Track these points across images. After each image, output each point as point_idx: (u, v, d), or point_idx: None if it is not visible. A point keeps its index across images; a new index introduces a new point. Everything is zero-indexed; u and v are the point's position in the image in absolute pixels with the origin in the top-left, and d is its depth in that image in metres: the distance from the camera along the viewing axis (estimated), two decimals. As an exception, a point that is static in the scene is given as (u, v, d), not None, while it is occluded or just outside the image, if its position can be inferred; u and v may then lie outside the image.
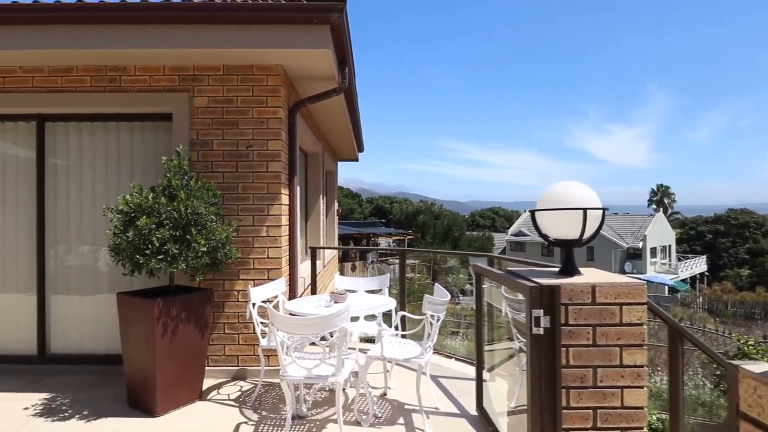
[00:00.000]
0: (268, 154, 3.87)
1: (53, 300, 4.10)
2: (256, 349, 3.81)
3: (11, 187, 4.12)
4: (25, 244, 4.09)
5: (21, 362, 4.05)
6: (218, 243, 3.20)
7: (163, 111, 3.97)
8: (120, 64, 3.91)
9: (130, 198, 3.04)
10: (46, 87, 3.94)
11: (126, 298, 3.21)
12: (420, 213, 39.31)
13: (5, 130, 4.15)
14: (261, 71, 3.88)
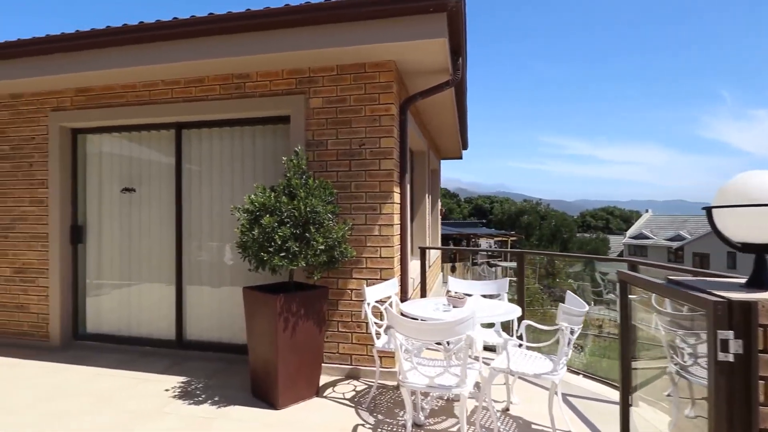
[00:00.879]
0: (381, 152, 3.81)
1: (188, 291, 4.50)
2: (370, 350, 3.78)
3: (156, 189, 4.61)
4: (167, 240, 4.55)
5: (163, 346, 4.51)
6: (335, 241, 3.20)
7: (281, 113, 4.13)
8: (244, 71, 4.15)
9: (255, 197, 3.16)
10: (183, 97, 4.33)
11: (251, 292, 3.36)
12: (524, 213, 37.19)
13: (150, 138, 4.66)
14: (373, 68, 3.83)
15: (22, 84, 4.57)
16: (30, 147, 4.79)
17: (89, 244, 4.84)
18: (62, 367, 4.10)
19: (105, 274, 4.78)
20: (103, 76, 4.31)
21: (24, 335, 4.78)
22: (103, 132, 4.75)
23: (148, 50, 3.92)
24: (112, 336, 4.71)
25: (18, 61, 4.36)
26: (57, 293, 4.65)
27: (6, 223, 4.86)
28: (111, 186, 4.76)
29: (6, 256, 4.86)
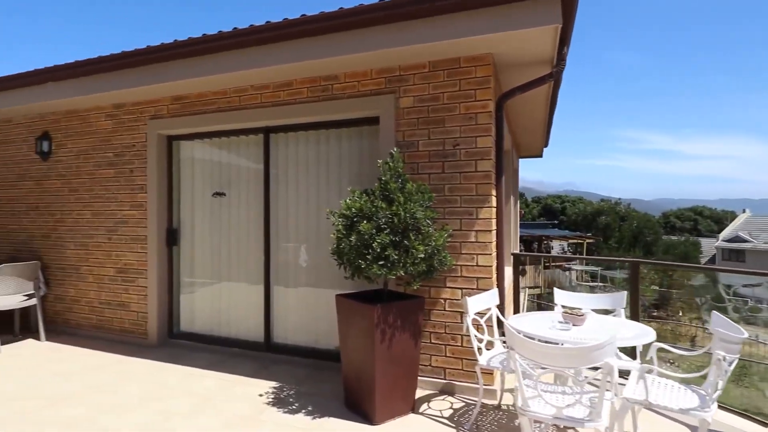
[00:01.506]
0: (477, 152, 3.55)
1: (275, 294, 4.51)
2: (466, 364, 3.53)
3: (245, 193, 4.67)
4: (256, 243, 4.59)
5: (250, 348, 4.55)
6: (434, 249, 2.99)
7: (369, 114, 4.00)
8: (332, 73, 4.06)
9: (351, 202, 3.03)
10: (271, 101, 4.34)
11: (345, 300, 3.24)
12: (601, 213, 34.43)
13: (239, 143, 4.73)
14: (469, 63, 3.58)
15: (124, 94, 4.82)
16: (131, 154, 5.06)
17: (182, 246, 5.02)
18: (162, 365, 4.25)
19: (197, 275, 4.94)
20: (197, 84, 4.43)
21: (125, 332, 5.05)
22: (195, 138, 4.90)
23: (242, 56, 3.95)
24: (203, 336, 4.85)
25: (122, 72, 4.59)
26: (154, 293, 4.86)
27: (110, 226, 5.17)
28: (203, 190, 4.90)
29: (110, 257, 5.17)
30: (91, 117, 5.33)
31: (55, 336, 5.29)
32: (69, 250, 5.43)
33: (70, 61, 4.69)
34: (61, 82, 4.90)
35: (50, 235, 5.57)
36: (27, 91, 5.19)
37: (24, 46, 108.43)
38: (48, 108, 5.47)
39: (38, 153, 5.61)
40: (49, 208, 5.60)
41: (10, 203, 5.89)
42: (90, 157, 5.32)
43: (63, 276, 5.48)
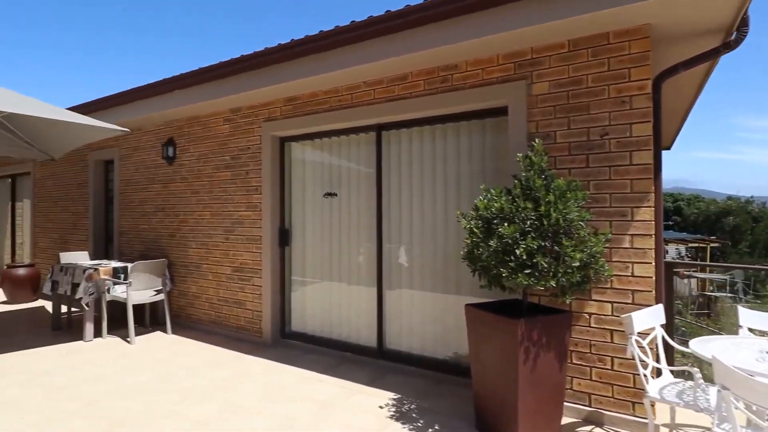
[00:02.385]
0: (632, 142, 3.01)
1: (388, 296, 4.31)
2: (617, 391, 3.01)
3: (356, 192, 4.54)
4: (368, 244, 4.43)
5: (362, 353, 4.40)
6: (590, 256, 2.54)
7: (495, 105, 3.63)
8: (452, 62, 3.75)
9: (490, 202, 2.69)
10: (385, 97, 4.14)
11: (479, 312, 2.90)
12: (729, 213, 29.84)
13: (350, 142, 4.61)
14: (620, 37, 3.06)
15: (241, 98, 4.94)
16: (246, 156, 5.20)
17: (294, 246, 5.04)
18: (277, 366, 4.25)
19: (308, 276, 4.92)
20: (310, 84, 4.38)
21: (241, 329, 5.20)
22: (306, 139, 4.88)
23: (358, 50, 3.81)
24: (313, 337, 4.81)
25: (239, 76, 4.71)
26: (268, 292, 4.93)
27: (227, 226, 5.36)
28: (313, 190, 4.87)
29: (227, 256, 5.36)
30: (210, 122, 5.58)
31: (179, 329, 5.62)
32: (191, 249, 5.75)
33: (195, 69, 4.93)
34: (187, 89, 5.17)
35: (175, 234, 5.95)
36: (157, 100, 5.57)
37: (131, 58, 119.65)
38: (173, 116, 5.84)
39: (164, 158, 6.02)
40: (174, 209, 5.98)
41: (142, 205, 6.41)
42: (209, 161, 5.58)
43: (186, 273, 5.81)
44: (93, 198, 7.26)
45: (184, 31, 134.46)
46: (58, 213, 8.01)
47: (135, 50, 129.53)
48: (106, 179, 7.37)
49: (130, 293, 5.09)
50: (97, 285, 5.13)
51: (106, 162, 7.32)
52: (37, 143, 5.84)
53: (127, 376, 4.01)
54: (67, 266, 5.44)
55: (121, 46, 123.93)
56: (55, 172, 8.07)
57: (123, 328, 5.66)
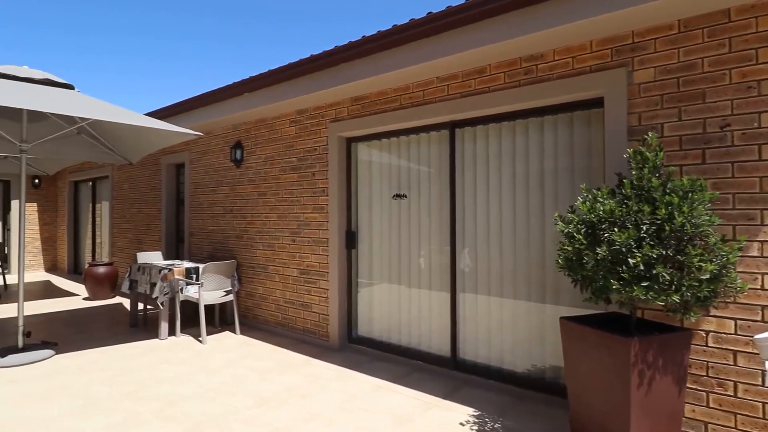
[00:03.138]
0: (761, 134, 2.59)
1: (463, 303, 4.07)
2: (740, 421, 2.60)
3: (427, 194, 4.34)
4: (440, 247, 4.22)
5: (434, 363, 4.20)
6: (722, 267, 2.18)
7: (587, 97, 3.30)
8: (537, 51, 3.46)
9: (594, 204, 2.40)
10: (460, 92, 3.92)
11: (578, 327, 2.61)
12: None
13: (421, 141, 4.41)
14: (745, 14, 2.65)
15: (308, 99, 4.90)
16: (313, 158, 5.15)
17: (361, 249, 4.92)
18: (347, 373, 4.14)
19: (375, 279, 4.78)
20: (378, 82, 4.24)
21: (308, 332, 5.15)
22: (374, 139, 4.75)
23: (432, 44, 3.61)
24: (381, 343, 4.66)
25: (306, 77, 4.67)
26: (335, 296, 4.84)
27: (294, 228, 5.35)
28: (381, 192, 4.73)
29: (293, 258, 5.34)
30: (277, 124, 5.60)
31: (247, 330, 5.68)
32: (258, 251, 5.79)
33: (264, 71, 4.94)
34: (255, 92, 5.21)
35: (242, 235, 6.03)
36: (226, 104, 5.67)
37: (200, 65, 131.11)
38: (241, 119, 5.92)
39: (232, 161, 6.13)
40: (242, 210, 6.06)
41: (211, 207, 6.57)
42: (276, 163, 5.59)
43: (253, 274, 5.87)
44: (165, 200, 7.56)
45: (244, 36, 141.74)
46: (134, 214, 8.44)
47: (204, 58, 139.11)
48: (177, 182, 7.66)
49: (202, 294, 5.19)
50: (171, 285, 5.28)
51: (177, 165, 7.60)
52: (117, 148, 6.13)
53: (202, 377, 4.04)
54: (144, 266, 5.65)
55: (189, 53, 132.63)
56: (131, 175, 8.51)
57: (194, 327, 5.80)
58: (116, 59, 71.09)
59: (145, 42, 78.15)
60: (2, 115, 5.15)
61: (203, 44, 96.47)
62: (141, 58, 75.61)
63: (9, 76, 4.67)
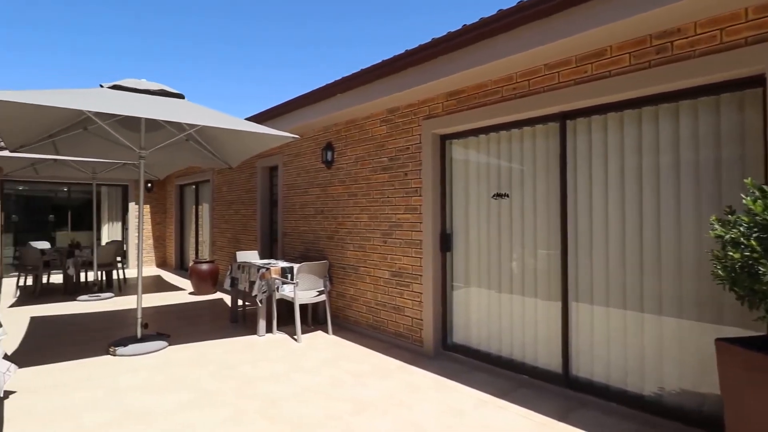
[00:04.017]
0: None
1: (577, 313, 3.67)
2: None
3: (532, 193, 3.99)
4: (548, 250, 3.85)
5: (541, 378, 3.84)
6: None
7: (740, 75, 2.77)
8: (672, 26, 2.98)
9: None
10: (573, 79, 3.52)
11: (742, 352, 2.15)
12: None
13: (523, 136, 4.07)
14: None
15: (399, 97, 4.77)
16: (404, 157, 5.01)
17: (456, 251, 4.68)
18: (445, 383, 3.93)
19: (473, 284, 4.51)
20: (478, 74, 3.97)
21: (400, 336, 5.02)
22: (471, 135, 4.48)
23: (540, 28, 3.28)
24: (479, 352, 4.38)
25: (399, 75, 4.53)
26: (429, 300, 4.65)
27: (385, 229, 5.25)
28: (478, 192, 4.45)
29: (385, 260, 5.24)
30: (367, 124, 5.55)
31: (338, 330, 5.70)
32: (349, 251, 5.79)
33: (356, 71, 4.90)
34: (347, 93, 5.19)
35: (333, 236, 6.08)
36: (318, 106, 5.74)
37: (281, 70, 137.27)
38: (331, 120, 5.97)
39: (323, 162, 6.20)
40: (332, 211, 6.11)
41: (303, 208, 6.73)
42: (366, 163, 5.54)
43: (344, 275, 5.88)
44: (260, 202, 7.91)
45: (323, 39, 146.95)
46: (232, 215, 8.96)
47: (287, 63, 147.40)
48: (271, 184, 7.97)
49: (297, 293, 5.29)
50: (268, 284, 5.44)
51: (271, 168, 7.92)
52: (219, 153, 6.49)
53: (300, 376, 4.07)
54: (244, 264, 5.90)
55: (271, 59, 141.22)
56: (230, 179, 9.05)
57: (288, 325, 5.94)
58: (209, 67, 77.46)
59: (229, 50, 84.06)
60: (124, 125, 5.66)
61: (284, 51, 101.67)
62: (239, 66, 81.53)
63: (129, 88, 5.09)
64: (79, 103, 3.76)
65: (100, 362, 4.49)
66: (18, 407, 3.43)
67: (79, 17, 70.99)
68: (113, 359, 4.59)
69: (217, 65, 80.00)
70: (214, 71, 78.93)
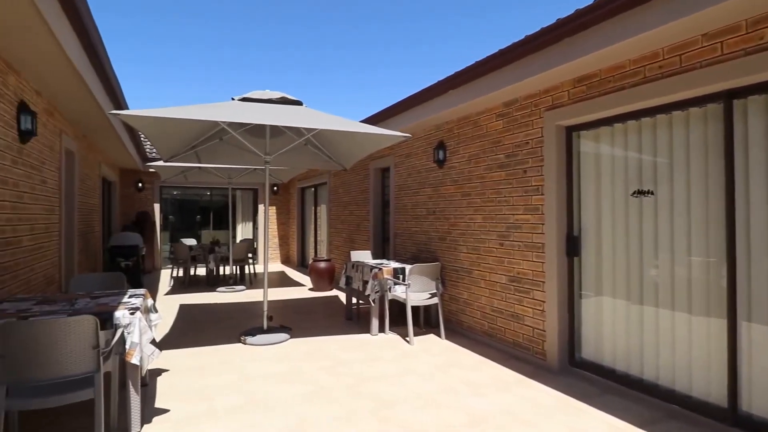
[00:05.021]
0: None
1: (750, 335, 2.98)
2: None
3: (685, 188, 3.35)
4: (709, 254, 3.20)
5: (697, 411, 3.19)
6: None
7: None
8: None
9: None
10: (742, 49, 2.86)
11: None
12: None
13: (673, 122, 3.44)
14: None
15: (518, 88, 4.41)
16: (524, 153, 4.63)
17: (585, 256, 4.17)
18: (573, 403, 3.49)
19: (606, 293, 3.97)
20: (613, 53, 3.46)
21: (518, 346, 4.65)
22: (604, 124, 3.95)
23: (704, -13, 2.71)
24: (613, 372, 3.83)
25: (519, 63, 4.18)
26: (554, 310, 4.22)
27: (501, 231, 4.91)
28: (613, 189, 3.90)
29: (501, 263, 4.91)
30: (481, 120, 5.27)
31: (451, 335, 5.50)
32: (462, 253, 5.56)
33: (470, 64, 4.66)
34: (459, 88, 4.98)
35: (445, 237, 5.90)
36: (430, 104, 5.62)
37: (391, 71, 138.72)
38: (443, 118, 5.80)
39: (435, 161, 6.06)
40: (444, 212, 5.94)
41: (414, 208, 6.67)
42: (480, 161, 5.26)
43: (456, 278, 5.67)
44: (372, 202, 8.07)
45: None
46: (347, 216, 9.30)
47: (394, 63, 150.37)
48: (383, 185, 8.08)
49: (409, 294, 5.22)
50: (381, 284, 5.47)
51: (383, 169, 8.03)
52: (335, 156, 6.74)
53: (412, 379, 3.97)
54: (358, 264, 6.03)
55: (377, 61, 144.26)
56: (345, 181, 9.41)
57: (400, 326, 5.91)
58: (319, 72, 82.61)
59: (342, 55, 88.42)
60: (252, 133, 6.17)
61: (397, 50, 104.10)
62: (348, 70, 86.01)
63: (255, 99, 5.52)
64: (215, 116, 4.15)
65: (232, 349, 4.92)
66: (166, 385, 3.88)
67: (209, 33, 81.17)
68: (243, 347, 5.00)
69: (325, 71, 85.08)
70: (325, 78, 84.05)
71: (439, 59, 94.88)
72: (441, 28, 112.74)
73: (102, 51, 4.37)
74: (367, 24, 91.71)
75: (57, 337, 2.49)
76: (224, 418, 3.25)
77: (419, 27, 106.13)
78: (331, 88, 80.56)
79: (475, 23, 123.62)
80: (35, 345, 2.46)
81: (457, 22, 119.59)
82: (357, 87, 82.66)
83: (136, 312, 3.01)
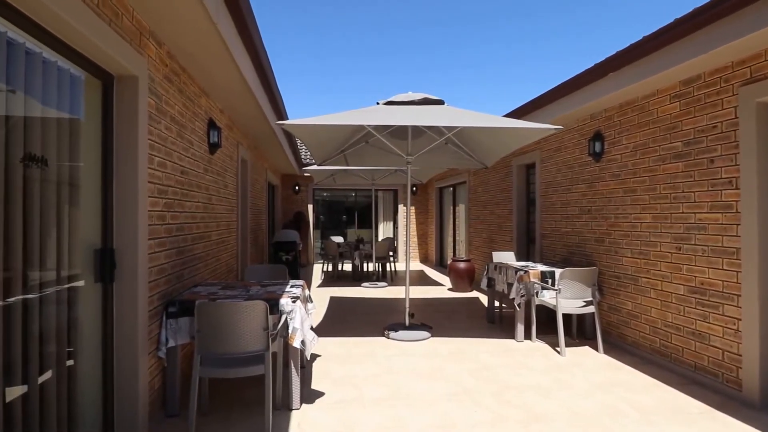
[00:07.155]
0: None
1: None
2: None
3: None
4: None
5: None
6: None
7: None
8: None
9: None
10: None
11: None
12: None
13: None
14: None
15: (701, 62, 3.67)
16: (709, 139, 3.85)
17: (802, 267, 3.28)
18: (789, 451, 2.76)
19: (837, 317, 3.06)
20: None
21: (701, 370, 3.88)
22: (834, 96, 3.05)
23: None
24: None
25: (703, 31, 3.48)
26: (755, 330, 3.41)
27: (678, 233, 4.17)
28: None
29: (678, 271, 4.16)
30: (650, 104, 4.55)
31: (610, 349, 4.88)
32: (625, 258, 4.89)
33: (635, 41, 4.06)
34: (622, 69, 4.38)
35: (603, 239, 5.26)
36: (584, 92, 5.07)
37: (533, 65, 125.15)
38: (599, 106, 5.18)
39: (590, 154, 5.45)
40: (602, 211, 5.30)
41: (564, 207, 6.11)
42: (649, 152, 4.55)
43: (618, 285, 5.01)
44: (516, 201, 7.65)
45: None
46: (486, 216, 9.01)
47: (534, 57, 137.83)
48: (527, 183, 7.60)
49: (560, 301, 4.78)
50: (527, 287, 5.12)
51: (527, 166, 7.55)
52: (475, 154, 6.56)
53: (567, 395, 3.60)
54: (500, 265, 5.76)
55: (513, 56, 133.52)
56: (484, 179, 9.13)
57: (549, 334, 5.47)
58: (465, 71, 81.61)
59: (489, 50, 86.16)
60: (394, 135, 6.36)
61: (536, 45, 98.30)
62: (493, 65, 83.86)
63: (398, 102, 5.66)
64: (361, 119, 4.36)
65: (376, 342, 5.12)
66: (320, 370, 4.21)
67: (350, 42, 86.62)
68: (386, 341, 5.16)
69: (466, 69, 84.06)
70: (466, 75, 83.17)
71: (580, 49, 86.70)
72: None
73: (270, 72, 4.95)
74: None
75: (238, 317, 2.86)
76: (371, 407, 3.37)
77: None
78: (476, 85, 79.50)
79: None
80: (221, 323, 2.86)
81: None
82: (499, 82, 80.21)
83: (296, 301, 3.31)
